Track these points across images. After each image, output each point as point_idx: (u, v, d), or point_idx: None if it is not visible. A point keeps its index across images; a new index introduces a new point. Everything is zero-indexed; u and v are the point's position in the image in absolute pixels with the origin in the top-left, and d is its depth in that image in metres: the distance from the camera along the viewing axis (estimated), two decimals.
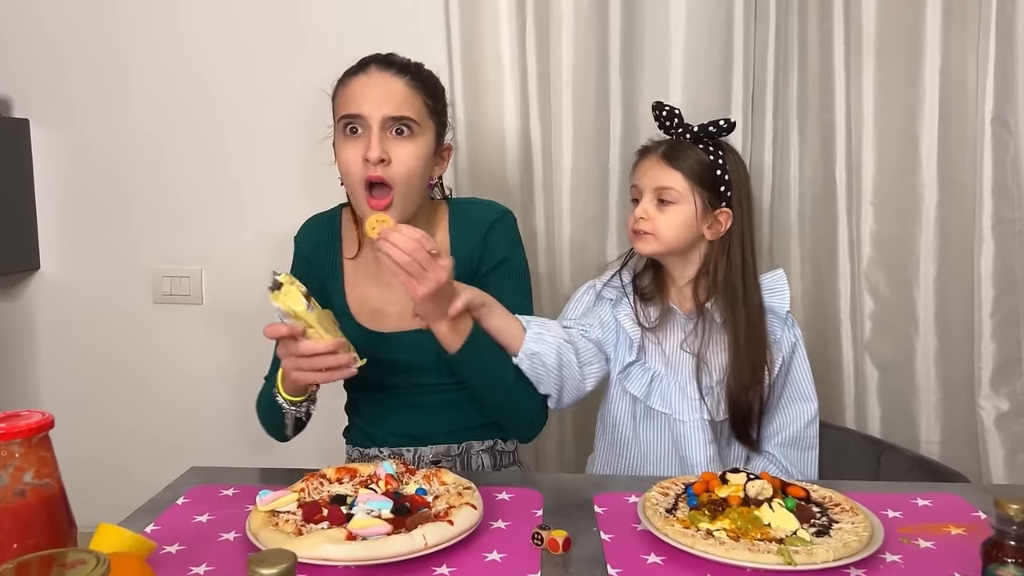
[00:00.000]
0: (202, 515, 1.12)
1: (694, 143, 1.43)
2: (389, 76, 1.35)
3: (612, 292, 1.50)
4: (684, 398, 1.43)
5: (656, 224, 1.41)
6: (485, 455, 1.50)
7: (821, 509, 1.07)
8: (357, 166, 1.32)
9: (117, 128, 2.08)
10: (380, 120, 1.31)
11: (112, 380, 2.17)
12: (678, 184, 1.40)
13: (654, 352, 1.46)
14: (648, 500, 1.08)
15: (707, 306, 1.43)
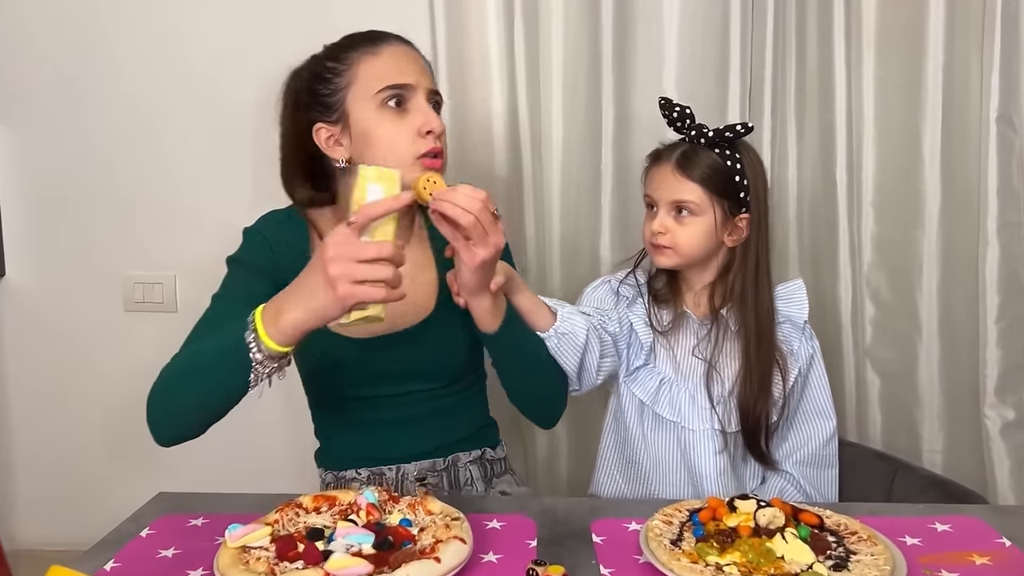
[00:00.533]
0: (167, 549, 1.03)
1: (708, 147, 1.35)
2: (412, 50, 1.30)
3: (628, 291, 1.45)
4: (694, 406, 1.37)
5: (675, 238, 1.34)
6: (473, 467, 1.42)
7: (837, 538, 0.99)
8: (409, 141, 1.22)
9: (85, 131, 1.99)
10: (427, 91, 1.25)
11: (81, 391, 2.08)
12: (696, 196, 1.33)
13: (664, 357, 1.41)
14: (651, 530, 1.00)
15: (722, 312, 1.37)
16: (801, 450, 1.38)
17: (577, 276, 1.90)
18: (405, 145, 1.22)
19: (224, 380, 1.07)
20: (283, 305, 1.01)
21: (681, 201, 1.33)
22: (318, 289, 0.97)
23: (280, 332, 1.01)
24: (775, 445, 1.39)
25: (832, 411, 1.41)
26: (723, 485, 1.35)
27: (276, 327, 1.01)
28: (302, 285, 1.01)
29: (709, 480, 1.35)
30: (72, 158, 2.01)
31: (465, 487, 1.40)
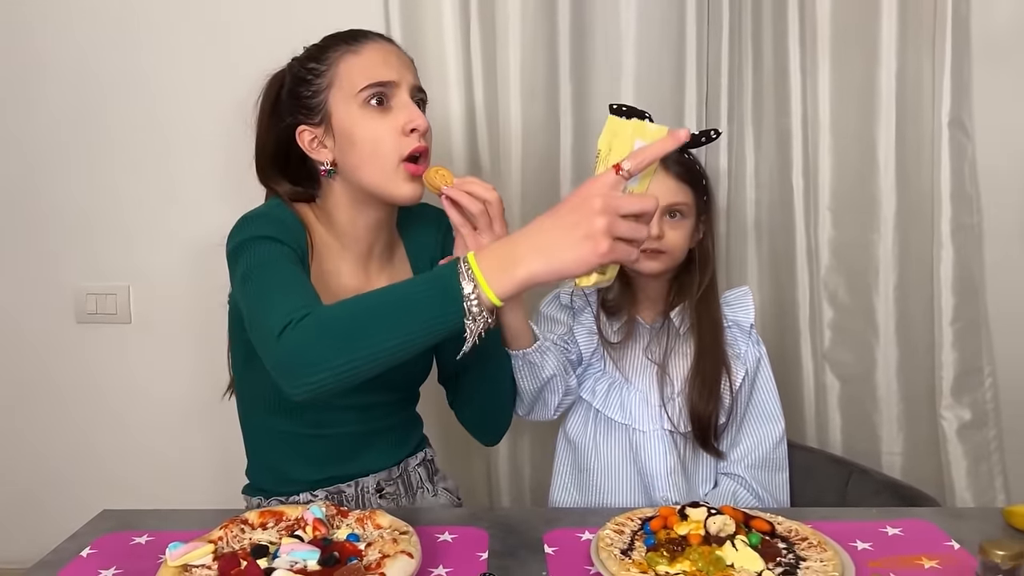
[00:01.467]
0: (108, 569, 1.01)
1: (680, 150, 1.37)
2: (394, 47, 1.27)
3: (579, 301, 1.47)
4: (645, 407, 1.39)
5: (669, 241, 1.35)
6: (421, 469, 1.44)
7: (787, 545, 0.99)
8: (394, 140, 1.19)
9: (30, 137, 1.94)
10: (410, 88, 1.23)
11: (30, 406, 2.03)
12: (688, 198, 1.37)
13: (612, 364, 1.43)
14: (602, 540, 0.99)
15: (672, 315, 1.40)
16: (752, 454, 1.39)
17: (538, 288, 1.89)
18: (390, 145, 1.19)
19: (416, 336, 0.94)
20: (517, 254, 0.89)
21: (676, 204, 1.36)
22: (576, 241, 0.86)
23: (511, 283, 0.90)
24: (726, 449, 1.40)
25: (780, 415, 1.42)
26: (673, 485, 1.36)
27: (506, 277, 0.89)
28: (546, 233, 0.89)
29: (659, 480, 1.36)
30: (17, 166, 1.96)
31: (418, 490, 1.42)
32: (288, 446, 1.32)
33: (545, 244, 0.88)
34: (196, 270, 1.94)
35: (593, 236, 0.86)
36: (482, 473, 1.93)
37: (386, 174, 1.20)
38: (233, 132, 1.85)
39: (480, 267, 0.90)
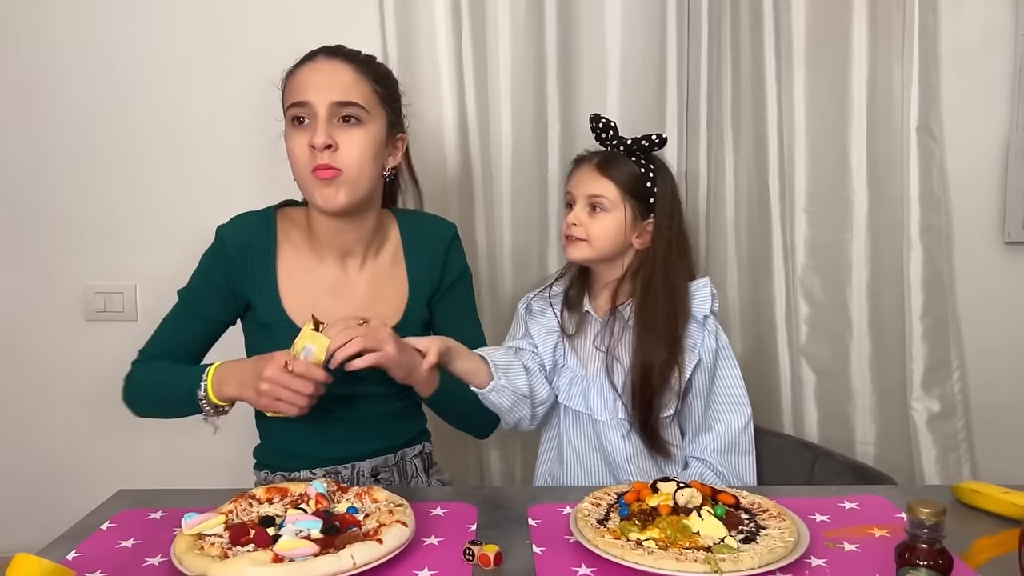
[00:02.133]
0: (127, 540, 1.09)
1: (627, 156, 1.48)
2: (336, 63, 1.35)
3: (539, 304, 1.57)
4: (600, 397, 1.47)
5: (588, 230, 1.45)
6: (417, 460, 1.52)
7: (750, 515, 1.08)
8: (304, 155, 1.32)
9: (41, 138, 2.01)
10: (327, 106, 1.31)
11: (42, 401, 2.10)
12: (610, 193, 1.45)
13: (572, 356, 1.51)
14: (580, 512, 1.08)
15: (619, 308, 1.48)
16: (719, 439, 1.46)
17: (527, 283, 1.96)
18: (302, 160, 1.33)
19: (181, 411, 1.37)
20: (225, 379, 1.29)
21: (596, 196, 1.45)
22: (249, 387, 1.24)
23: (222, 396, 1.30)
24: (692, 434, 1.48)
25: (746, 400, 1.48)
26: (636, 468, 1.44)
27: (220, 390, 1.30)
28: (244, 373, 1.26)
29: (621, 464, 1.45)
30: (29, 166, 2.02)
31: (412, 479, 1.50)
32: (287, 428, 1.41)
33: (240, 379, 1.27)
34: None
35: (257, 390, 1.23)
36: (475, 460, 2.01)
37: (305, 183, 1.35)
38: (240, 134, 1.97)
39: (212, 377, 1.30)
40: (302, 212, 1.46)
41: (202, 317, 1.45)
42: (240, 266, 1.41)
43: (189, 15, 1.97)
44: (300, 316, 1.39)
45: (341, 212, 1.36)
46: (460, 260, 1.53)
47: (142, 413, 1.45)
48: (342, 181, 1.32)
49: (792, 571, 0.97)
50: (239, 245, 1.41)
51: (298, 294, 1.41)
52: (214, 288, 1.43)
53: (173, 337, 1.45)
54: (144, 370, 1.43)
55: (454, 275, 1.50)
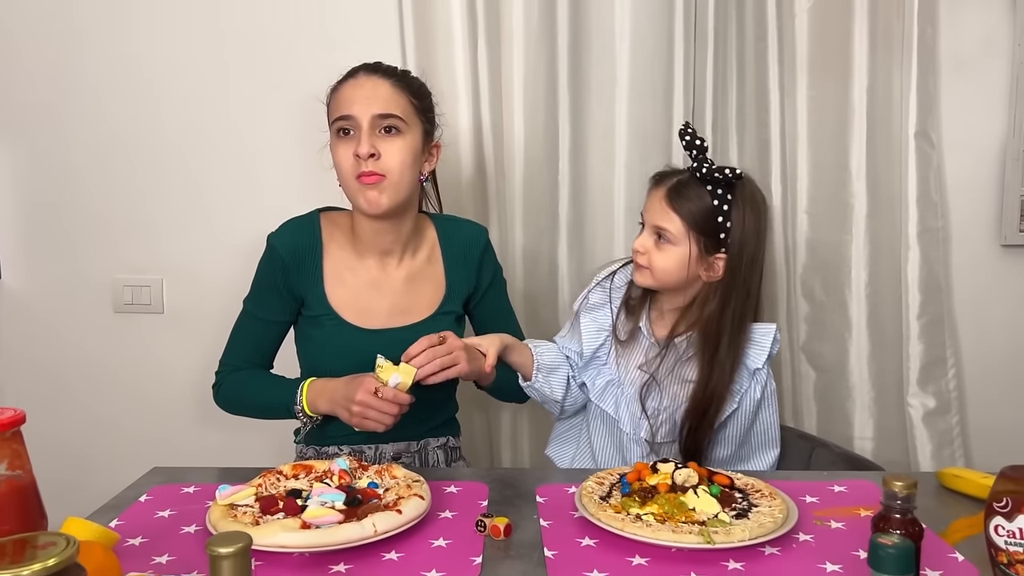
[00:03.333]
0: (164, 511, 1.18)
1: (702, 183, 1.41)
2: (376, 79, 1.48)
3: (597, 296, 1.55)
4: (629, 411, 1.49)
5: (651, 259, 1.43)
6: (440, 451, 1.61)
7: (743, 495, 1.15)
8: (349, 163, 1.44)
9: (77, 136, 2.10)
10: (369, 119, 1.43)
11: (73, 388, 2.19)
12: (675, 227, 1.40)
13: (615, 360, 1.52)
14: (584, 489, 1.16)
15: (677, 340, 1.46)
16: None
17: (537, 282, 2.07)
18: (347, 168, 1.45)
19: (277, 418, 1.53)
20: (318, 396, 1.44)
21: (661, 227, 1.41)
22: (342, 407, 1.37)
23: (316, 409, 1.45)
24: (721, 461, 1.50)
25: (778, 440, 1.51)
26: None
27: (312, 406, 1.45)
28: (335, 392, 1.40)
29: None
30: (64, 167, 2.12)
31: (432, 467, 1.59)
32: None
33: (333, 398, 1.41)
34: (224, 266, 2.10)
35: (349, 410, 1.35)
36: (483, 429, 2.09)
37: (350, 189, 1.47)
38: (263, 135, 2.06)
39: (307, 394, 1.45)
40: (344, 215, 1.57)
41: (267, 321, 1.57)
42: (292, 268, 1.53)
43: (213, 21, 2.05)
44: (345, 309, 1.53)
45: (384, 215, 1.47)
46: (493, 262, 1.66)
47: (236, 413, 1.60)
48: (385, 186, 1.44)
49: (780, 544, 1.05)
50: (290, 249, 1.53)
51: (343, 289, 1.54)
52: (274, 291, 1.55)
53: (247, 344, 1.59)
54: (235, 383, 1.57)
55: (489, 277, 1.64)
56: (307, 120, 1.72)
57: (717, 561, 1.01)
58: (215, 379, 1.61)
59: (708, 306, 1.43)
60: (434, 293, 1.58)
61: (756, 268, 1.44)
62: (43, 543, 0.73)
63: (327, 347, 1.52)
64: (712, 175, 1.40)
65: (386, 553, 1.03)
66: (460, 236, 1.62)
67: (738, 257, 1.41)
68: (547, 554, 1.03)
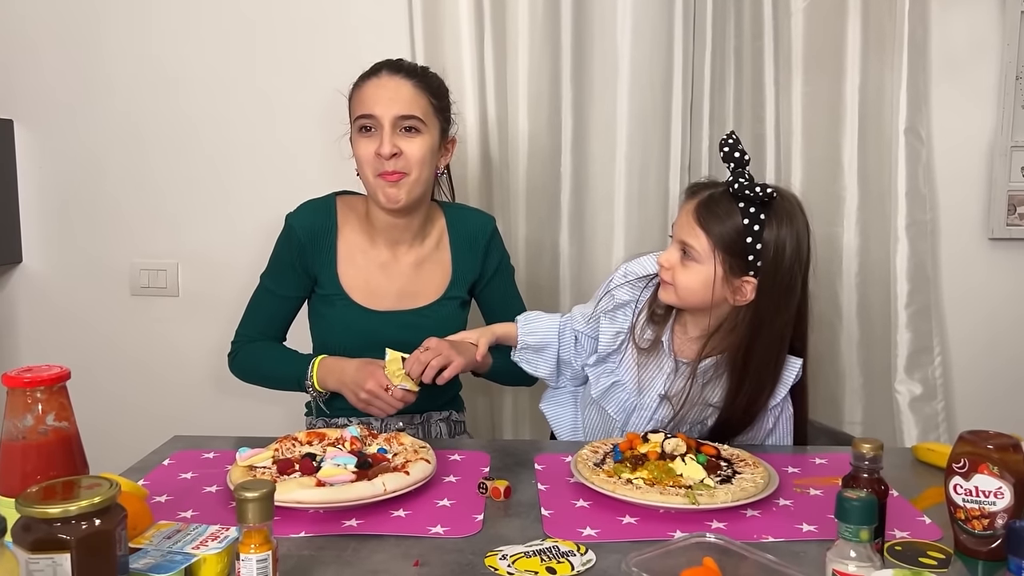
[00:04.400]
0: (187, 473, 1.26)
1: (735, 199, 1.32)
2: (398, 80, 1.54)
3: (624, 294, 1.48)
4: (639, 417, 1.46)
5: (675, 276, 1.36)
6: (442, 424, 1.70)
7: (728, 464, 1.23)
8: (371, 159, 1.52)
9: (97, 125, 2.18)
10: (391, 119, 1.51)
11: (91, 368, 2.24)
12: (700, 245, 1.32)
13: (630, 365, 1.46)
14: (579, 456, 1.24)
15: (701, 365, 1.39)
16: None
17: (540, 270, 2.14)
18: (367, 165, 1.53)
19: (288, 389, 1.61)
20: (328, 375, 1.52)
21: (687, 243, 1.34)
22: (350, 390, 1.47)
23: (325, 386, 1.54)
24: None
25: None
26: None
27: (322, 382, 1.53)
28: (345, 375, 1.49)
29: None
30: (84, 154, 2.20)
31: (436, 438, 1.67)
32: None
33: (341, 380, 1.50)
34: (237, 251, 2.17)
35: (356, 395, 1.46)
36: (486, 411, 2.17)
37: (369, 184, 1.55)
38: (277, 125, 2.14)
39: (318, 370, 1.53)
40: (360, 200, 1.65)
41: (282, 296, 1.65)
42: (308, 247, 1.60)
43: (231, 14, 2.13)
44: (355, 290, 1.62)
45: (402, 210, 1.55)
46: (500, 249, 1.72)
47: (250, 382, 1.69)
48: (404, 183, 1.52)
49: (760, 507, 1.13)
50: (306, 229, 1.60)
51: (354, 271, 1.62)
52: (290, 268, 1.62)
53: (262, 317, 1.67)
54: (250, 352, 1.66)
55: (495, 265, 1.70)
56: (320, 110, 1.80)
57: (702, 521, 1.09)
58: (231, 348, 1.68)
59: (735, 333, 1.35)
60: (441, 278, 1.66)
61: (792, 296, 1.34)
62: (88, 484, 0.81)
63: (337, 325, 1.61)
64: (744, 191, 1.30)
65: (394, 511, 1.11)
66: (468, 224, 1.69)
67: (770, 282, 1.31)
68: (544, 513, 1.11)
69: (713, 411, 1.44)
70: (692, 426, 1.46)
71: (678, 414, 1.42)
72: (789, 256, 1.31)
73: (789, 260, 1.32)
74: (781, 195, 1.33)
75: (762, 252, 1.30)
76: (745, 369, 1.36)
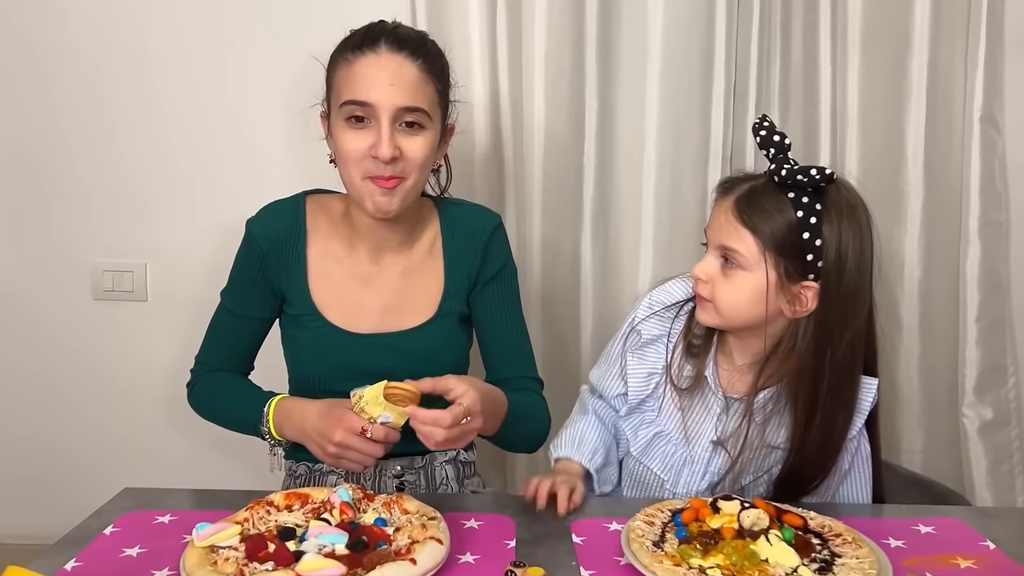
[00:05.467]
0: (132, 548, 1.00)
1: (783, 189, 1.11)
2: (401, 59, 1.20)
3: (652, 328, 1.26)
4: (689, 471, 1.24)
5: (715, 290, 1.14)
6: (449, 466, 1.42)
7: (821, 540, 0.97)
8: (360, 158, 1.20)
9: (50, 109, 1.90)
10: (392, 111, 1.19)
11: (46, 381, 2.02)
12: (746, 248, 1.11)
13: (672, 411, 1.25)
14: (633, 531, 0.98)
15: (757, 399, 1.17)
16: None
17: (557, 276, 1.89)
18: (356, 163, 1.21)
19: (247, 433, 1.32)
20: (285, 421, 1.23)
21: (728, 248, 1.12)
22: (313, 442, 1.15)
23: (282, 435, 1.25)
24: None
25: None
26: None
27: (279, 430, 1.24)
28: (306, 423, 1.17)
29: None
30: (37, 139, 1.92)
31: (440, 486, 1.40)
32: None
33: (303, 430, 1.18)
34: (216, 250, 1.90)
35: (324, 450, 1.13)
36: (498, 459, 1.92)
37: (354, 185, 1.24)
38: (265, 111, 1.87)
39: (273, 415, 1.24)
40: (336, 200, 1.37)
41: (246, 317, 1.38)
42: (271, 258, 1.33)
43: None
44: (329, 308, 1.33)
45: (393, 218, 1.26)
46: (502, 253, 1.38)
47: (209, 420, 1.41)
48: (400, 189, 1.22)
49: None
50: (269, 237, 1.33)
51: (328, 285, 1.33)
52: (252, 285, 1.35)
53: (224, 342, 1.40)
54: (206, 386, 1.40)
55: (494, 268, 1.36)
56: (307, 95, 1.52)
57: None
58: (190, 377, 1.43)
59: (796, 353, 1.12)
60: (432, 290, 1.36)
61: (861, 300, 1.13)
62: None
63: (311, 351, 1.33)
64: (795, 178, 1.08)
65: None
66: (465, 223, 1.38)
67: (835, 285, 1.10)
68: None
69: (779, 456, 1.19)
70: (757, 477, 1.21)
71: (737, 463, 1.18)
72: (854, 252, 1.11)
73: (855, 257, 1.11)
74: (836, 180, 1.11)
75: (823, 249, 1.09)
76: (815, 397, 1.13)
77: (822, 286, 1.10)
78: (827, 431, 1.16)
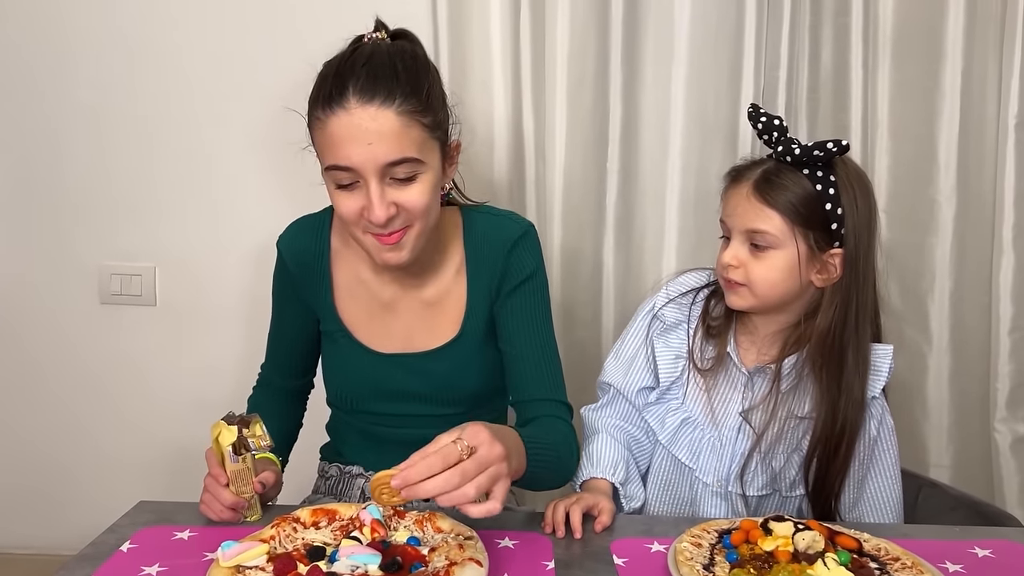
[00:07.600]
0: (151, 566, 0.95)
1: (796, 166, 1.16)
2: (375, 110, 1.06)
3: (673, 314, 1.30)
4: (715, 458, 1.24)
5: (750, 273, 1.17)
6: None
7: (879, 564, 0.92)
8: (357, 219, 1.12)
9: (60, 114, 1.86)
10: (377, 170, 1.07)
11: (52, 387, 1.96)
12: (774, 226, 1.15)
13: (696, 395, 1.27)
14: (680, 553, 0.92)
15: (785, 363, 1.20)
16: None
17: (578, 283, 1.84)
18: (354, 223, 1.13)
19: None
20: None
21: (757, 231, 1.16)
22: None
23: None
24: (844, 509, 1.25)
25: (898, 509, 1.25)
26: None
27: None
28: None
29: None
30: (46, 145, 1.88)
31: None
32: (341, 424, 1.40)
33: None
34: (227, 255, 1.88)
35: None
36: None
37: (358, 239, 1.16)
38: (269, 119, 1.81)
39: None
40: None
41: (291, 328, 1.37)
42: (299, 276, 1.31)
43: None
44: (358, 327, 1.30)
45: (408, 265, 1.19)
46: (527, 262, 1.26)
47: None
48: (407, 240, 1.14)
49: None
50: (295, 254, 1.31)
51: (354, 305, 1.30)
52: (288, 302, 1.34)
53: (277, 352, 1.40)
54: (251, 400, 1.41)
55: (518, 278, 1.25)
56: None
57: None
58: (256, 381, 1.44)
59: (825, 317, 1.17)
60: (456, 310, 1.28)
61: (871, 263, 1.19)
62: None
63: (342, 367, 1.31)
64: (810, 153, 1.14)
65: None
66: (490, 238, 1.27)
67: (855, 249, 1.16)
68: None
69: (807, 428, 1.21)
70: (788, 456, 1.20)
71: (764, 437, 1.20)
72: (866, 217, 1.19)
73: (866, 222, 1.18)
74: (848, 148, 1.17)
75: (843, 217, 1.16)
76: (841, 358, 1.18)
77: (846, 252, 1.16)
78: (849, 391, 1.18)
